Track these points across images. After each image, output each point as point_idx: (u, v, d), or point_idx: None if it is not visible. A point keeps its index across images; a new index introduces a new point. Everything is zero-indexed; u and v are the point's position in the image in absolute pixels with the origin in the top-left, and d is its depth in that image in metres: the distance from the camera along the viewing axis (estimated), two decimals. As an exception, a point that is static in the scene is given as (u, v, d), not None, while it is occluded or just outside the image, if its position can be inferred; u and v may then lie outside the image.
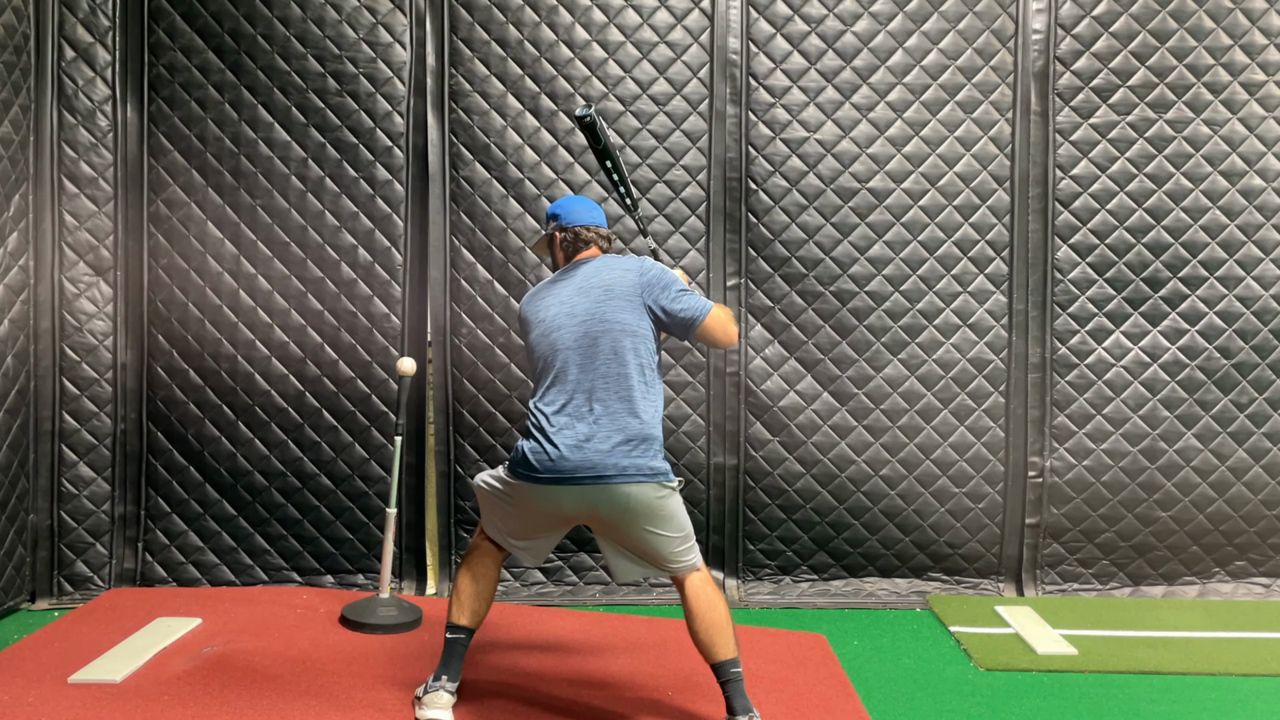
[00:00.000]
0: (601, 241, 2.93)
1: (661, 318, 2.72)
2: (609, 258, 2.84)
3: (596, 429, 2.59)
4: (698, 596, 2.68)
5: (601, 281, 2.74)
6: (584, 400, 2.63)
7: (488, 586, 2.85)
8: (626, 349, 2.66)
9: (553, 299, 2.78)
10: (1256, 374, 4.15)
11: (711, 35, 4.09)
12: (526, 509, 2.72)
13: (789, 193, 4.10)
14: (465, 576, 2.85)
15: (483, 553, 2.86)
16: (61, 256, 3.98)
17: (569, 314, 2.71)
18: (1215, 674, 3.34)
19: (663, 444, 2.68)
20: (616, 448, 2.58)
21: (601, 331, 2.67)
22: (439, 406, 4.13)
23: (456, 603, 2.84)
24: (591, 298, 2.72)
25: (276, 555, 4.13)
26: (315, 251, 4.08)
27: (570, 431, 2.60)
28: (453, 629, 2.83)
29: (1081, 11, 4.10)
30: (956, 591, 4.18)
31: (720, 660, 2.67)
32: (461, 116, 4.07)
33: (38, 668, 3.12)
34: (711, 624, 2.66)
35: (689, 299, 2.72)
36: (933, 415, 4.16)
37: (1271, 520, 4.18)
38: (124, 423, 4.07)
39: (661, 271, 2.76)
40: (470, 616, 2.82)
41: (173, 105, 4.05)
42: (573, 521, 2.75)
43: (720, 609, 2.68)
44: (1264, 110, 4.11)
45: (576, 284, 2.77)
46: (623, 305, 2.70)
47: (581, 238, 2.90)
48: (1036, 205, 4.14)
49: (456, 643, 2.84)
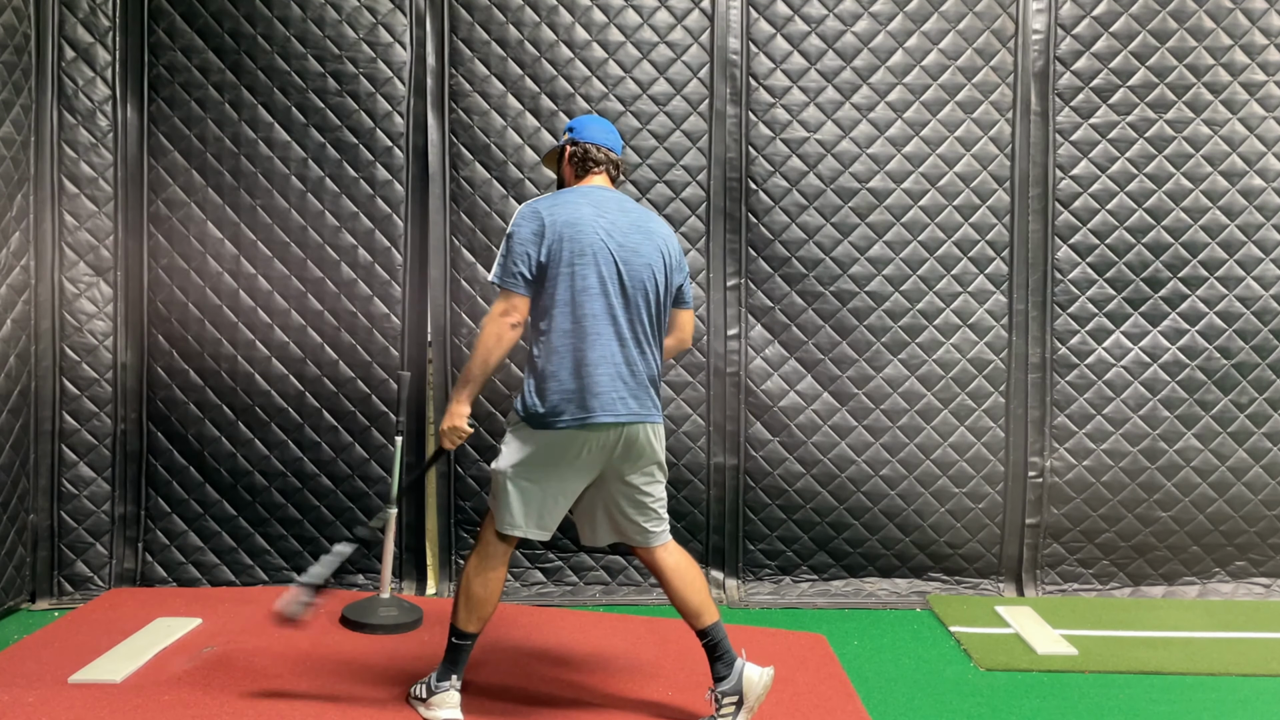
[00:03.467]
0: (611, 168, 2.83)
1: (670, 291, 2.78)
2: (646, 210, 2.82)
3: (648, 370, 2.69)
4: (682, 556, 2.81)
5: (659, 231, 2.75)
6: (633, 340, 2.66)
7: (498, 591, 2.79)
8: (664, 301, 2.75)
9: (605, 229, 2.64)
10: (1257, 374, 4.15)
11: (712, 35, 4.09)
12: (558, 466, 2.66)
13: (789, 193, 4.10)
14: (479, 583, 2.75)
15: (498, 560, 2.76)
16: (62, 256, 3.98)
17: (634, 251, 2.67)
18: (1215, 674, 3.34)
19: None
20: (649, 391, 2.70)
21: (660, 283, 2.71)
22: (439, 406, 4.13)
23: (467, 610, 2.75)
24: (654, 244, 2.71)
25: (276, 555, 4.13)
26: (315, 251, 4.08)
27: (617, 371, 2.63)
28: (462, 636, 2.77)
29: (1081, 11, 4.11)
30: (956, 591, 4.18)
31: (712, 623, 2.76)
32: (461, 116, 4.07)
33: (38, 668, 3.12)
34: (702, 586, 2.79)
35: (689, 288, 2.91)
36: (933, 415, 4.16)
37: (1271, 520, 4.18)
38: (124, 423, 4.07)
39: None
40: (481, 623, 2.78)
41: (173, 105, 4.05)
42: (590, 476, 2.72)
43: (698, 570, 2.83)
44: (1264, 110, 4.11)
45: (632, 220, 2.70)
46: (674, 265, 2.77)
47: (591, 156, 2.79)
48: (1036, 205, 4.14)
49: (465, 648, 2.80)
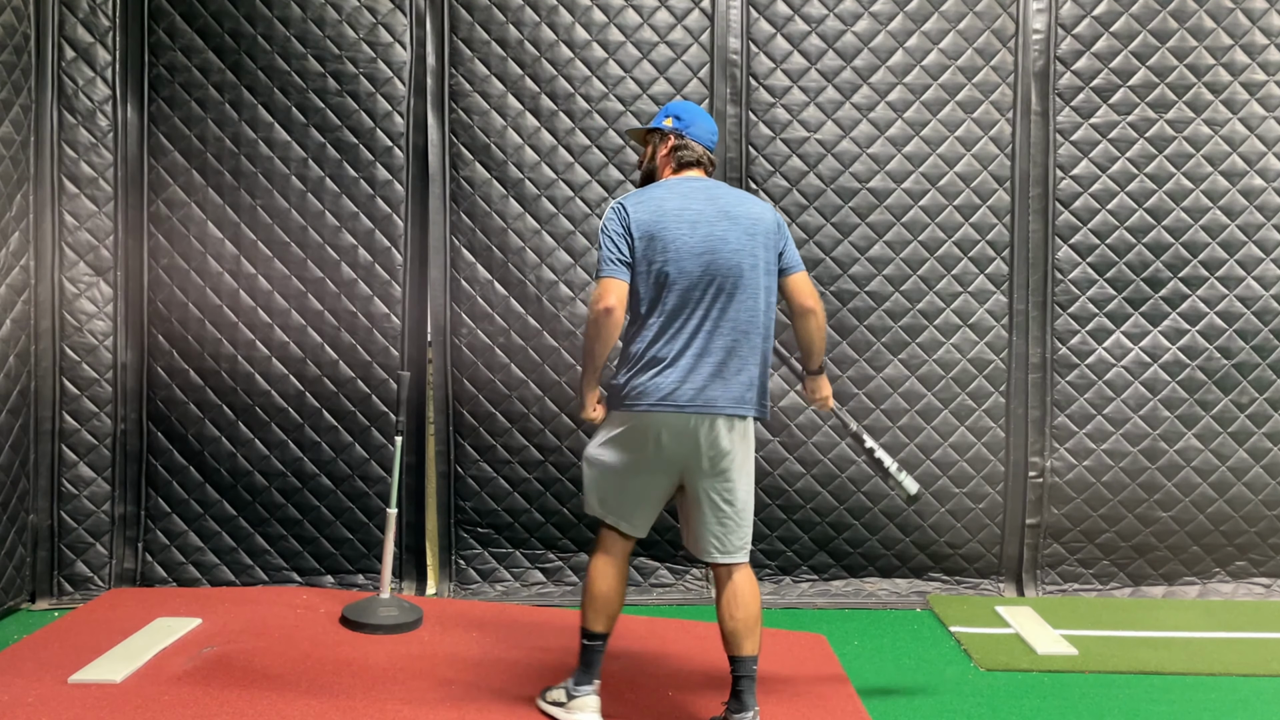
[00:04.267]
0: (709, 166, 2.80)
1: (771, 270, 2.71)
2: (738, 192, 2.78)
3: (737, 361, 2.63)
4: (749, 582, 2.71)
5: (748, 213, 2.68)
6: (727, 330, 2.61)
7: (614, 586, 2.73)
8: (763, 287, 2.67)
9: (690, 221, 2.62)
10: (1257, 374, 4.15)
11: (712, 35, 4.09)
12: (631, 451, 2.65)
13: (789, 193, 4.10)
14: (591, 577, 2.73)
15: (607, 552, 2.74)
16: (61, 256, 3.98)
17: (720, 239, 2.61)
18: (1215, 674, 3.34)
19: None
20: (749, 384, 2.65)
21: (751, 266, 2.64)
22: (439, 406, 4.13)
23: (593, 610, 2.72)
24: (742, 227, 2.65)
25: (276, 555, 4.13)
26: (315, 251, 4.08)
27: (718, 359, 2.61)
28: (591, 636, 2.74)
29: (1082, 11, 4.10)
30: (957, 591, 4.18)
31: (749, 654, 2.67)
32: (461, 116, 4.07)
33: (38, 668, 3.12)
34: (755, 614, 2.69)
35: (795, 249, 2.79)
36: (933, 415, 4.15)
37: (1272, 520, 4.18)
38: (124, 423, 4.07)
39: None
40: (608, 622, 2.74)
41: (173, 105, 4.05)
42: (671, 472, 2.68)
43: (759, 603, 2.72)
44: (1264, 110, 4.11)
45: (720, 207, 2.65)
46: (764, 242, 2.68)
47: (695, 154, 2.76)
48: (1037, 205, 4.14)
49: (595, 649, 2.76)
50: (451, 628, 3.60)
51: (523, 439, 4.11)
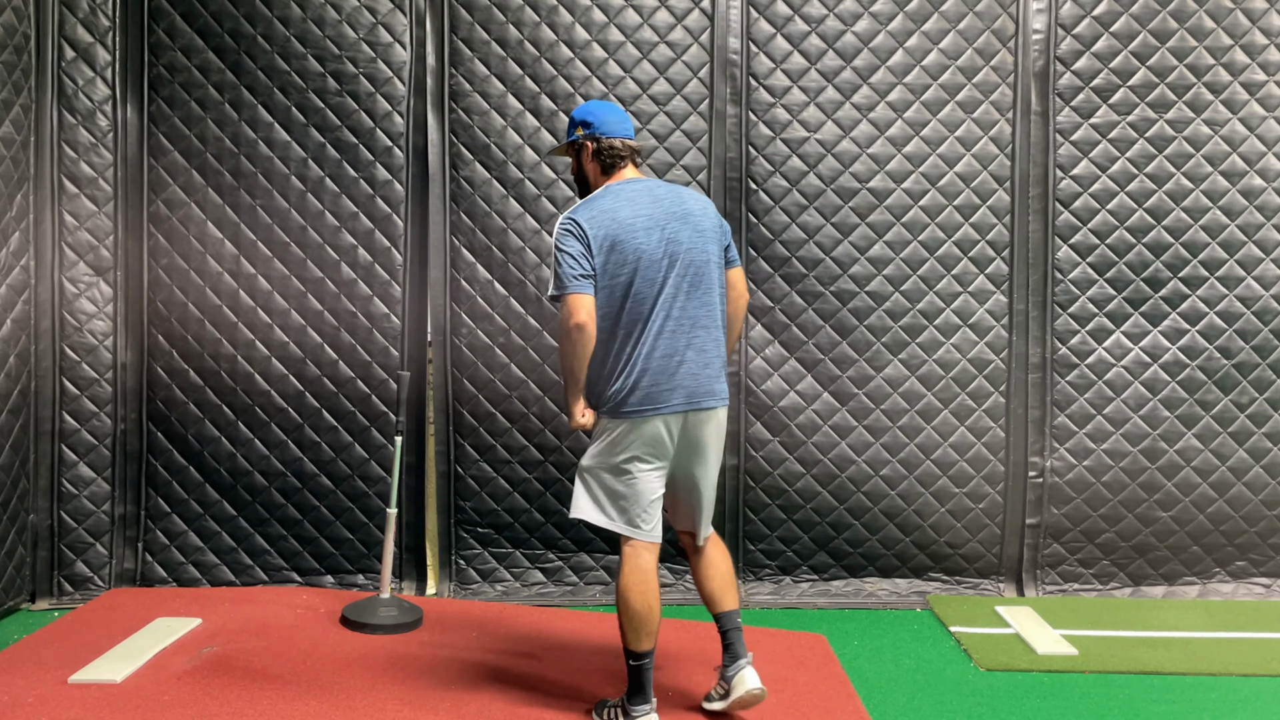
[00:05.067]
0: (635, 156, 2.84)
1: (720, 263, 2.83)
2: (674, 185, 2.85)
3: (705, 356, 2.73)
4: (719, 545, 2.93)
5: (692, 210, 2.77)
6: (689, 328, 2.71)
7: (646, 599, 2.69)
8: (716, 281, 2.79)
9: (644, 228, 2.67)
10: (1257, 374, 4.15)
11: (712, 35, 4.09)
12: (643, 453, 2.71)
13: (789, 193, 4.10)
14: (642, 596, 2.68)
15: (646, 563, 2.73)
16: (61, 256, 3.98)
17: (674, 241, 2.70)
18: (1215, 674, 3.34)
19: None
20: (718, 374, 2.77)
21: (704, 262, 2.74)
22: (439, 406, 4.13)
23: (633, 630, 2.68)
24: (691, 225, 2.74)
25: (276, 555, 4.13)
26: (315, 251, 4.08)
27: (689, 356, 2.70)
28: (636, 656, 2.70)
29: (1082, 11, 4.10)
30: (957, 591, 4.18)
31: (731, 609, 2.84)
32: (461, 116, 4.07)
33: (38, 668, 3.12)
34: (729, 572, 2.89)
35: (735, 248, 2.94)
36: (933, 415, 4.15)
37: (1272, 520, 4.18)
38: (124, 423, 4.07)
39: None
40: (650, 639, 2.70)
41: (173, 105, 4.05)
42: (670, 462, 2.79)
43: (730, 562, 2.94)
44: (1264, 110, 4.10)
45: (666, 208, 2.72)
46: (713, 238, 2.79)
47: (617, 151, 2.79)
48: (1037, 205, 4.14)
49: (643, 669, 2.72)
50: (451, 628, 3.60)
51: (523, 439, 4.11)
